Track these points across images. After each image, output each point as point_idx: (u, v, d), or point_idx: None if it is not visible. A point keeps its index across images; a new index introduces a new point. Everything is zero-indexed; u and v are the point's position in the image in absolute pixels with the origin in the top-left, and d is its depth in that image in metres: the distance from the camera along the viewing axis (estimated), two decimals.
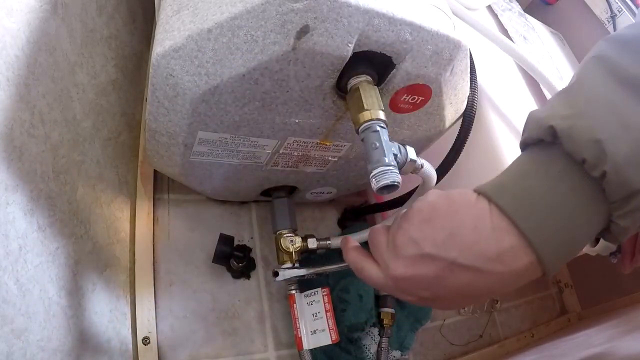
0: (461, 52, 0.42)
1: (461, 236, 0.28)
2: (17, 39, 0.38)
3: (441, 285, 0.28)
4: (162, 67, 0.37)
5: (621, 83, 0.27)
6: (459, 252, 0.27)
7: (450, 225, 0.28)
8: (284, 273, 0.51)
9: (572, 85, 0.30)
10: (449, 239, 0.28)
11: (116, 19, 0.62)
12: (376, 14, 0.35)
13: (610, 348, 0.55)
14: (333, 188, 0.66)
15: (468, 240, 0.27)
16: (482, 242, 0.27)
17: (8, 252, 0.33)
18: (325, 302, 0.54)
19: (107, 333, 0.48)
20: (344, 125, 0.47)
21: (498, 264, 0.27)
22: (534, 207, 0.27)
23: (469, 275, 0.27)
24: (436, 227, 0.28)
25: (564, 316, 1.03)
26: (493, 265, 0.27)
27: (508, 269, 0.27)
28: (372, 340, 0.65)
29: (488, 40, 0.66)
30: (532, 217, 0.27)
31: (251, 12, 0.34)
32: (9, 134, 0.35)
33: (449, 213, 0.29)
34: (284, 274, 0.51)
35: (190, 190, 0.65)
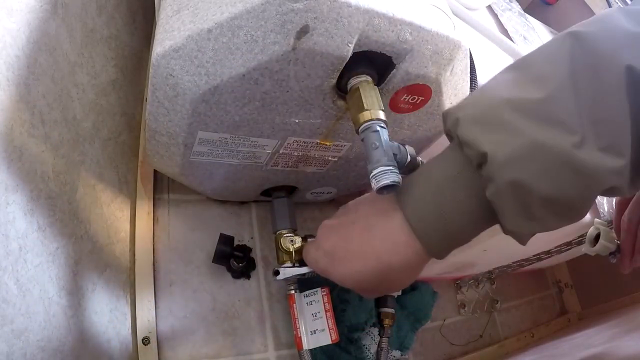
0: (461, 52, 0.42)
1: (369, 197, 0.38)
2: (17, 39, 0.38)
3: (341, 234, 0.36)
4: (162, 67, 0.37)
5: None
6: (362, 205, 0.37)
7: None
8: (285, 272, 0.51)
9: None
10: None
11: (116, 19, 0.62)
12: (376, 14, 0.35)
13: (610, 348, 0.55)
14: (333, 188, 0.66)
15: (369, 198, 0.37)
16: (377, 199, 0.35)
17: (8, 252, 0.33)
18: (324, 302, 0.54)
19: (107, 333, 0.48)
20: (344, 125, 0.47)
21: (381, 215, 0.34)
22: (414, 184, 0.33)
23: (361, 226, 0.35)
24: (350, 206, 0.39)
25: (564, 316, 1.03)
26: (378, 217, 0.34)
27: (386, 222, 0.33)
28: (372, 340, 0.65)
29: (488, 40, 0.66)
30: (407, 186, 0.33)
31: (251, 12, 0.34)
32: (9, 134, 0.35)
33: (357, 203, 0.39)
34: (285, 273, 0.51)
35: (190, 190, 0.65)
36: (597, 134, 0.26)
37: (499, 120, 0.28)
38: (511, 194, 0.27)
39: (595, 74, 0.27)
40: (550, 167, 0.26)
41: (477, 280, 0.90)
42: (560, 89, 0.27)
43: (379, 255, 0.33)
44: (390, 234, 0.33)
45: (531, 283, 1.03)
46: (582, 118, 0.26)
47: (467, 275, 0.87)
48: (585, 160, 0.26)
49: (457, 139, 0.30)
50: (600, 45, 0.28)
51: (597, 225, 0.49)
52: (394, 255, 0.33)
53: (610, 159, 0.26)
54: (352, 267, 0.34)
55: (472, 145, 0.28)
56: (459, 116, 0.30)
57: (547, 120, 0.27)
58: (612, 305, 0.95)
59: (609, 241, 0.47)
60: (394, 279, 0.34)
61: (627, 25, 0.29)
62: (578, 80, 0.27)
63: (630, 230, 0.45)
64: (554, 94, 0.27)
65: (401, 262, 0.33)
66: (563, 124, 0.26)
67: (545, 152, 0.26)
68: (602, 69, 0.27)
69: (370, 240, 0.34)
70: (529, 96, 0.28)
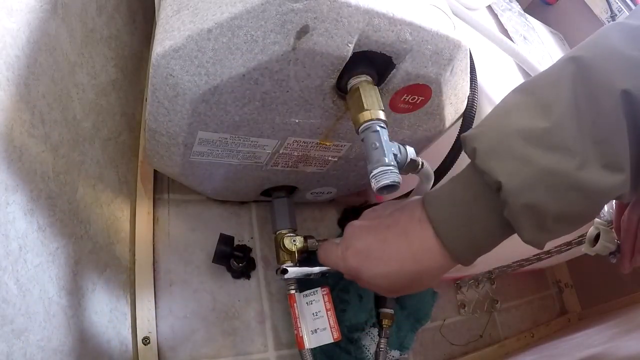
0: (461, 52, 0.42)
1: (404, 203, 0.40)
2: (17, 39, 0.38)
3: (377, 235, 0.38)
4: (162, 67, 0.37)
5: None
6: (399, 210, 0.39)
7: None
8: (293, 270, 0.51)
9: None
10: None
11: (116, 19, 0.62)
12: (376, 14, 0.35)
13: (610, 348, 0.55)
14: (333, 188, 0.66)
15: (405, 205, 0.39)
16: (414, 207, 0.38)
17: (8, 252, 0.33)
18: (325, 301, 0.54)
19: (107, 333, 0.48)
20: (344, 125, 0.47)
21: (417, 224, 0.36)
22: (442, 202, 0.36)
23: (398, 230, 0.37)
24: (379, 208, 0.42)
25: (564, 316, 1.03)
26: (415, 225, 0.36)
27: (421, 231, 0.36)
28: (372, 341, 0.65)
29: (488, 40, 0.66)
30: (436, 204, 0.36)
31: (251, 12, 0.34)
32: (9, 134, 0.35)
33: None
34: (293, 272, 0.51)
35: (190, 190, 0.65)
36: (598, 154, 0.30)
37: (511, 151, 0.31)
38: (525, 215, 0.31)
39: (595, 99, 0.31)
40: (558, 190, 0.30)
41: (477, 280, 0.90)
42: (564, 116, 0.31)
43: (416, 259, 0.36)
44: (426, 241, 0.36)
45: (531, 283, 1.03)
46: (584, 141, 0.30)
47: (467, 275, 0.87)
48: (588, 180, 0.30)
49: (477, 169, 0.34)
50: (599, 71, 0.31)
51: (597, 225, 0.49)
52: (429, 260, 0.36)
53: (611, 175, 0.30)
54: (388, 267, 0.37)
55: (489, 174, 0.32)
56: (475, 147, 0.33)
57: (553, 148, 0.30)
58: (612, 305, 0.95)
59: (609, 241, 0.47)
60: (425, 280, 0.38)
61: (623, 49, 0.31)
62: (580, 106, 0.31)
63: (630, 230, 0.45)
64: (558, 121, 0.31)
65: (435, 266, 0.36)
66: (567, 149, 0.30)
67: (552, 177, 0.30)
68: (600, 94, 0.31)
69: (408, 244, 0.36)
70: (535, 125, 0.32)
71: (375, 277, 0.37)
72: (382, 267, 0.37)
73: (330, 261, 0.42)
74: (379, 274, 0.37)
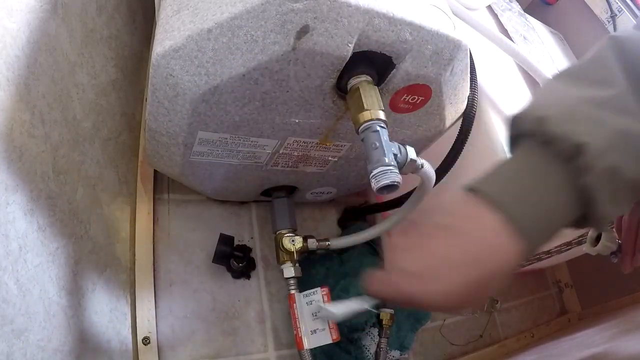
0: (461, 52, 0.42)
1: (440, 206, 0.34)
2: (17, 39, 0.38)
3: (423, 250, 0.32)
4: (162, 67, 0.37)
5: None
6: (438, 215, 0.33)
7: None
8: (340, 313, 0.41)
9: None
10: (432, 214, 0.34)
11: (116, 19, 0.62)
12: (376, 14, 0.35)
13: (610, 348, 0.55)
14: (333, 188, 0.66)
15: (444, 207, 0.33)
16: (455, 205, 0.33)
17: (8, 252, 0.33)
18: (324, 302, 0.54)
19: (107, 333, 0.48)
20: (344, 125, 0.47)
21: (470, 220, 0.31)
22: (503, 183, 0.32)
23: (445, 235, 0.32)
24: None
25: (564, 316, 1.03)
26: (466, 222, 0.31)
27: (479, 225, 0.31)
28: (372, 341, 0.65)
29: (488, 40, 0.66)
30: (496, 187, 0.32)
31: (251, 12, 0.34)
32: (9, 134, 0.35)
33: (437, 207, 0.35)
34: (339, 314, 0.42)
35: (190, 190, 0.65)
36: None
37: (584, 114, 0.30)
38: (607, 180, 0.29)
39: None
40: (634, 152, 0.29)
41: None
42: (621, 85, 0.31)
43: (479, 262, 0.31)
44: (487, 239, 0.31)
45: (531, 283, 1.03)
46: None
47: None
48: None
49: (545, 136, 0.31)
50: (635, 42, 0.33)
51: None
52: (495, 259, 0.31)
53: None
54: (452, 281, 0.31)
55: (565, 139, 0.29)
56: (543, 115, 0.31)
57: (622, 111, 0.30)
58: (612, 305, 0.95)
59: (610, 241, 0.47)
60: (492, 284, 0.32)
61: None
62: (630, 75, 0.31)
63: (631, 230, 0.45)
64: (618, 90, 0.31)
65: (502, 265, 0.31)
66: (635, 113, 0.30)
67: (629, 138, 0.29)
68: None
69: (463, 248, 0.31)
70: (597, 94, 0.31)
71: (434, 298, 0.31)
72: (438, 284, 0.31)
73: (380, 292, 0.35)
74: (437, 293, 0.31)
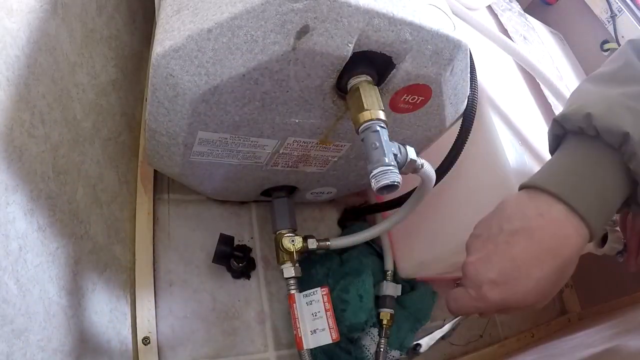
0: (461, 52, 0.42)
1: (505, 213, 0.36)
2: (17, 39, 0.38)
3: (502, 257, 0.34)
4: (162, 67, 0.37)
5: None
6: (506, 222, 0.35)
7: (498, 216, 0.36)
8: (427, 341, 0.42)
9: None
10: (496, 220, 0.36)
11: (116, 19, 0.62)
12: (376, 14, 0.35)
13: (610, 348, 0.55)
14: (333, 188, 0.66)
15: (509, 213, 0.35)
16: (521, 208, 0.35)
17: (8, 252, 0.33)
18: (324, 302, 0.54)
19: (107, 333, 0.48)
20: (344, 125, 0.47)
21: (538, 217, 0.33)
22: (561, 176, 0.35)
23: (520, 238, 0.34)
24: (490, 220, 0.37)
25: (564, 316, 1.03)
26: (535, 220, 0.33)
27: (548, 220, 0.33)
28: (372, 341, 0.65)
29: (488, 40, 0.66)
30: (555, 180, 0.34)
31: (251, 12, 0.34)
32: (9, 134, 0.35)
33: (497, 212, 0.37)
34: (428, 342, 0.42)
35: (190, 190, 0.65)
36: None
37: (627, 107, 0.33)
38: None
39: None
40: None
41: None
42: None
43: (555, 253, 0.33)
44: (557, 230, 0.33)
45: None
46: None
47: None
48: None
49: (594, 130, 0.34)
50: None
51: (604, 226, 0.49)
52: (568, 248, 0.33)
53: None
54: (533, 278, 0.33)
55: (614, 130, 0.33)
56: (589, 111, 0.34)
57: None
58: (612, 305, 0.94)
59: (616, 241, 0.47)
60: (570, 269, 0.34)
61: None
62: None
63: (636, 229, 0.45)
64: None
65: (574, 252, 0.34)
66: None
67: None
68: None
69: (539, 244, 0.33)
70: (631, 90, 0.34)
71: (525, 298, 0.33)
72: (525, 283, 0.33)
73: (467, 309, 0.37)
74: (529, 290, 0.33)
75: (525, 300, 0.33)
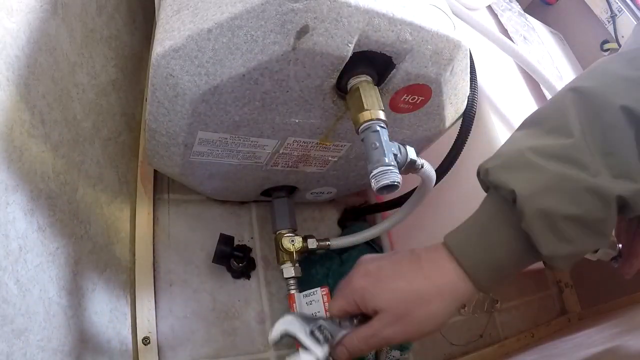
0: (461, 52, 0.42)
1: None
2: (17, 39, 0.38)
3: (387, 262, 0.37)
4: (162, 67, 0.37)
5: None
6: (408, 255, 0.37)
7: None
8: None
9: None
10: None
11: (116, 19, 0.62)
12: (376, 14, 0.35)
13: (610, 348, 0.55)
14: (333, 188, 0.66)
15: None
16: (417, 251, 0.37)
17: (8, 252, 0.33)
18: (324, 302, 0.54)
19: (107, 333, 0.48)
20: (344, 125, 0.47)
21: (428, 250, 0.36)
22: (460, 230, 0.36)
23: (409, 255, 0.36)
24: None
25: (564, 316, 1.03)
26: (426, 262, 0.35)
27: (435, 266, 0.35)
28: None
29: (488, 40, 0.66)
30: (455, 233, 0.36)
31: (251, 12, 0.34)
32: (9, 134, 0.35)
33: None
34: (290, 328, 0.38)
35: (190, 190, 0.65)
36: (608, 166, 0.31)
37: (524, 163, 0.33)
38: (542, 220, 0.31)
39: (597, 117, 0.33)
40: (573, 193, 0.31)
41: None
42: (571, 135, 0.32)
43: (426, 275, 0.35)
44: (438, 259, 0.35)
45: (531, 283, 1.03)
46: (594, 156, 0.31)
47: None
48: (602, 185, 0.30)
49: (492, 186, 0.35)
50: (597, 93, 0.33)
51: None
52: (441, 278, 0.34)
53: (624, 184, 0.31)
54: (395, 282, 0.35)
55: (503, 186, 0.33)
56: (487, 167, 0.34)
57: (565, 160, 0.32)
58: (612, 305, 0.94)
59: (611, 247, 0.47)
60: (434, 303, 0.34)
61: (621, 71, 0.34)
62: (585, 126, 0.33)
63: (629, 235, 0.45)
64: (567, 139, 0.32)
65: (447, 286, 0.34)
66: (579, 161, 0.31)
67: (566, 182, 0.31)
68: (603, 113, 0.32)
69: (418, 264, 0.36)
70: (547, 143, 0.33)
71: (380, 294, 0.35)
72: (389, 282, 0.35)
73: (338, 295, 0.38)
74: (384, 289, 0.35)
75: (378, 298, 0.35)
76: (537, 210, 0.31)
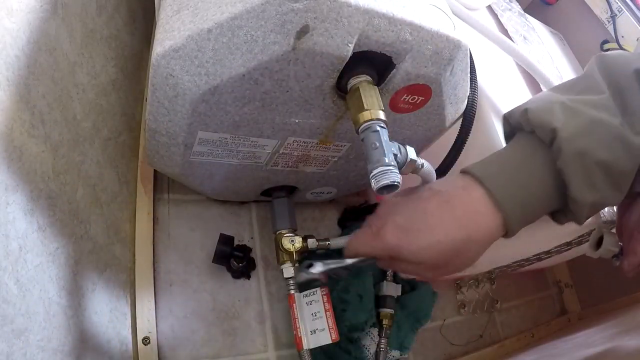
0: (461, 52, 0.42)
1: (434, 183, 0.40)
2: (17, 39, 0.38)
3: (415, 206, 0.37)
4: (162, 67, 0.37)
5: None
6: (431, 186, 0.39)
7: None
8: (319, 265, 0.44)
9: None
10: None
11: (116, 19, 0.62)
12: (376, 14, 0.35)
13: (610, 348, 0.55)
14: (333, 188, 0.66)
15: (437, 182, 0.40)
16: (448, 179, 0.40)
17: (8, 252, 0.33)
18: (324, 302, 0.54)
19: (107, 333, 0.48)
20: (344, 125, 0.47)
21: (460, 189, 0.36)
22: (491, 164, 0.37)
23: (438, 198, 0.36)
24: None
25: (564, 316, 1.03)
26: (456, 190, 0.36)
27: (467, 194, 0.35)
28: (372, 341, 0.65)
29: (488, 40, 0.66)
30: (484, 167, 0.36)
31: (251, 12, 0.34)
32: (9, 134, 0.35)
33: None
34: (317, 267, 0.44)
35: (190, 190, 0.65)
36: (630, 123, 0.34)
37: (564, 107, 0.35)
38: (577, 161, 0.33)
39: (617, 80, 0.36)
40: (606, 139, 0.33)
41: (477, 280, 0.90)
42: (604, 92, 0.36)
43: (461, 224, 0.34)
44: (471, 205, 0.35)
45: (531, 283, 1.03)
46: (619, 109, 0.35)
47: (467, 275, 0.87)
48: (629, 136, 0.33)
49: (529, 125, 0.36)
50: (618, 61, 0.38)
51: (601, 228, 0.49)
52: (475, 225, 0.34)
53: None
54: (432, 237, 0.34)
55: (544, 124, 0.34)
56: (527, 107, 0.36)
57: (602, 108, 0.35)
58: (612, 305, 0.94)
59: (612, 244, 0.47)
60: (470, 251, 0.35)
61: (637, 49, 0.40)
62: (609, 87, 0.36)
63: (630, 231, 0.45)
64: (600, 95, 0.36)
65: (481, 232, 0.34)
66: (610, 110, 0.35)
67: (601, 126, 0.33)
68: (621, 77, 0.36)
69: (451, 210, 0.35)
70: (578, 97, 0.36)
71: (418, 251, 0.34)
72: (425, 238, 0.34)
73: (364, 247, 0.38)
74: (423, 247, 0.34)
75: (417, 255, 0.35)
76: (575, 150, 0.32)
